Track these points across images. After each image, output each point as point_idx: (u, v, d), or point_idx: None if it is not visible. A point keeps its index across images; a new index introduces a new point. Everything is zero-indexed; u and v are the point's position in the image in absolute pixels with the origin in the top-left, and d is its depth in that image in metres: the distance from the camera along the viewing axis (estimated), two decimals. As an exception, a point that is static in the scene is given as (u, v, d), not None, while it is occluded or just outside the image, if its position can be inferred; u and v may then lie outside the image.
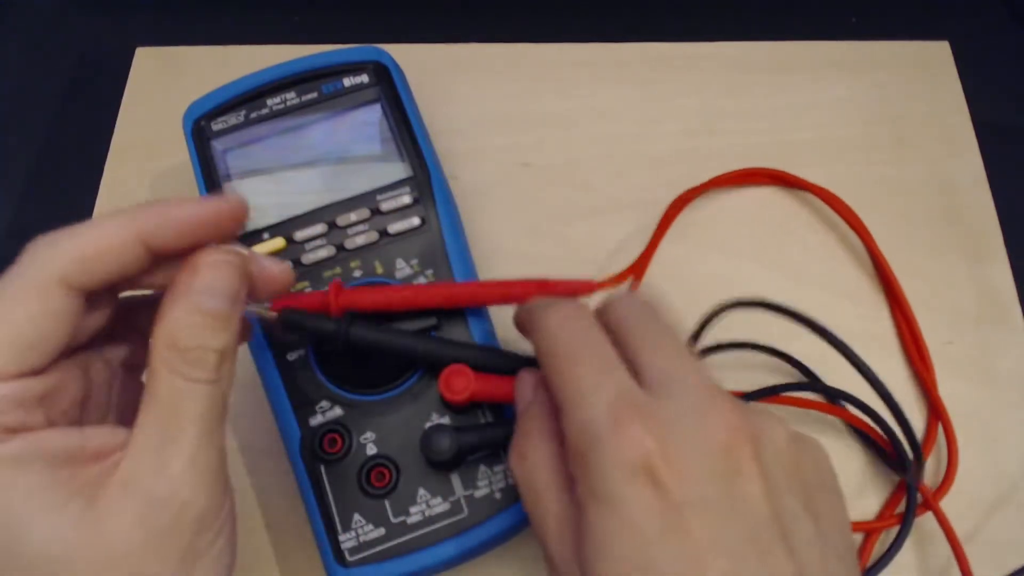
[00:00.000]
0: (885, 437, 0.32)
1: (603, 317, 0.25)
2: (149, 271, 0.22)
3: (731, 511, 0.20)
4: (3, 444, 0.20)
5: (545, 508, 0.23)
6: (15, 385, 0.20)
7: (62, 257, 0.20)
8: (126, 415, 0.24)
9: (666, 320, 0.24)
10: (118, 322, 0.24)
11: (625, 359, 0.23)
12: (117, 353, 0.25)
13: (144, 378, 0.22)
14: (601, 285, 0.32)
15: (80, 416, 0.23)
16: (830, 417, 0.35)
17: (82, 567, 0.19)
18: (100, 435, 0.21)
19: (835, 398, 0.33)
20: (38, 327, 0.20)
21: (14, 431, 0.20)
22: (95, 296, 0.22)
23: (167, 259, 0.22)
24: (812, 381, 0.35)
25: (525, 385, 0.26)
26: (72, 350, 0.22)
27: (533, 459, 0.24)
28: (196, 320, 0.21)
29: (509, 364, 0.29)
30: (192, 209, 0.22)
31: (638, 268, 0.36)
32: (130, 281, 0.22)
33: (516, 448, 0.25)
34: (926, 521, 0.33)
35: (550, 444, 0.24)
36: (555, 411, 0.23)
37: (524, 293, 0.31)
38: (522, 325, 0.27)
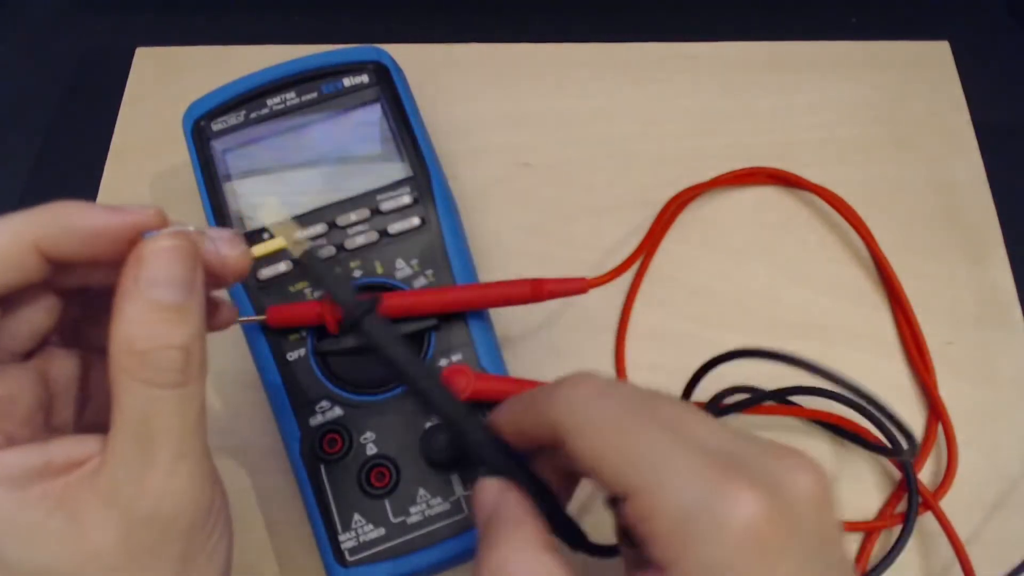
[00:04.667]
0: (880, 435, 0.32)
1: (555, 428, 0.21)
2: (62, 274, 0.21)
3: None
4: None
5: None
6: None
7: None
8: (103, 405, 0.22)
9: (619, 391, 0.21)
10: (80, 310, 0.23)
11: (592, 470, 0.20)
12: (83, 342, 0.23)
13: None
14: (594, 283, 0.32)
15: (47, 419, 0.21)
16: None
17: None
18: (66, 446, 0.20)
19: (833, 398, 0.33)
20: None
21: None
22: (13, 301, 0.20)
23: (73, 266, 0.20)
24: (808, 386, 0.34)
25: (488, 490, 0.22)
26: (22, 356, 0.21)
27: (522, 570, 0.20)
28: (151, 317, 0.19)
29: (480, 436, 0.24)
30: (97, 219, 0.20)
31: (630, 264, 0.36)
32: (43, 284, 0.21)
33: (489, 563, 0.20)
34: (926, 521, 0.33)
35: (538, 550, 0.20)
36: (532, 514, 0.21)
37: (519, 294, 0.31)
38: (520, 423, 0.23)
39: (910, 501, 0.32)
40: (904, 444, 0.23)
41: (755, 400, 0.33)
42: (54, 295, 0.22)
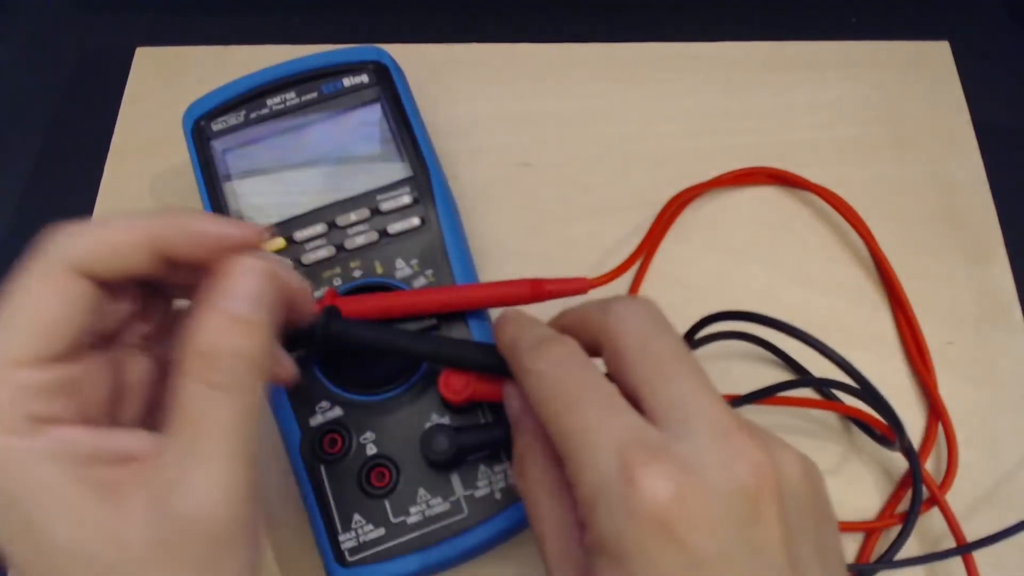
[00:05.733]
0: (882, 420, 0.32)
1: (600, 332, 0.23)
2: (170, 275, 0.22)
3: (750, 562, 0.19)
4: (34, 438, 0.19)
5: (546, 530, 0.22)
6: (36, 372, 0.20)
7: (73, 246, 0.21)
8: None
9: (674, 335, 0.23)
10: (167, 324, 0.25)
11: (628, 386, 0.22)
12: (160, 354, 0.25)
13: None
14: (595, 283, 0.32)
15: (116, 413, 0.23)
16: (822, 414, 0.35)
17: (99, 567, 0.19)
18: (130, 438, 0.21)
19: (826, 388, 0.33)
20: (53, 312, 0.20)
21: (44, 421, 0.20)
22: (115, 289, 0.22)
23: (184, 266, 0.22)
24: (802, 377, 0.34)
25: (512, 400, 0.26)
26: (101, 343, 0.22)
27: (532, 478, 0.23)
28: (225, 325, 0.21)
29: (491, 360, 0.28)
30: (207, 226, 0.22)
31: (630, 265, 0.36)
32: (153, 282, 0.23)
33: (516, 465, 0.25)
34: (927, 521, 0.33)
35: (546, 464, 0.23)
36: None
37: (519, 294, 0.31)
38: (507, 359, 0.25)
39: (915, 491, 0.32)
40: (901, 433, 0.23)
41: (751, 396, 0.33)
42: (141, 290, 0.24)
